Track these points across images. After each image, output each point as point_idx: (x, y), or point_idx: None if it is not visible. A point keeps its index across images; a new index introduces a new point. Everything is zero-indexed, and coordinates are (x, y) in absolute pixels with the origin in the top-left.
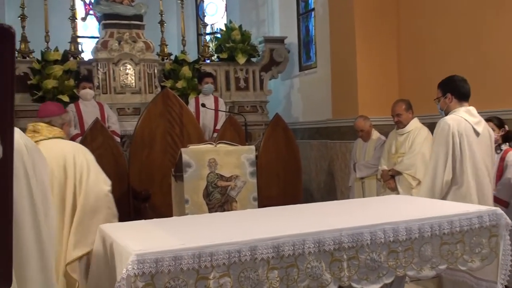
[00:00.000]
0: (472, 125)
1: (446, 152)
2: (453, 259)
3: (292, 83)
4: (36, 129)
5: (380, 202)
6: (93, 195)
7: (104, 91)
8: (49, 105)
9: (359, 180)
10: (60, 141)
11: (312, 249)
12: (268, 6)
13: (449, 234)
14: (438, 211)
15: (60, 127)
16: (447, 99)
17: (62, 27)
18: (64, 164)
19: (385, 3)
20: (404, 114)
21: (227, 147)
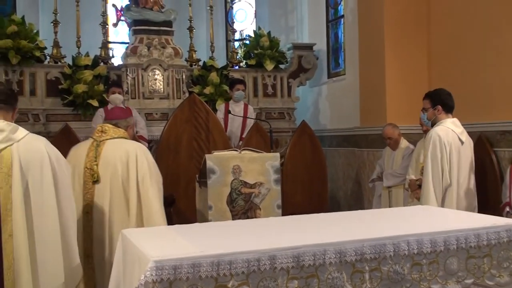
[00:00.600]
0: (458, 135)
1: (441, 161)
2: (480, 274)
3: (320, 90)
4: (103, 130)
5: (405, 212)
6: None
7: (133, 96)
8: (116, 109)
9: (386, 189)
10: (124, 140)
11: (333, 260)
12: (297, 13)
13: (475, 248)
14: (464, 224)
15: (125, 129)
16: (437, 110)
17: (93, 33)
18: (127, 161)
19: (415, 10)
20: None
21: (251, 154)
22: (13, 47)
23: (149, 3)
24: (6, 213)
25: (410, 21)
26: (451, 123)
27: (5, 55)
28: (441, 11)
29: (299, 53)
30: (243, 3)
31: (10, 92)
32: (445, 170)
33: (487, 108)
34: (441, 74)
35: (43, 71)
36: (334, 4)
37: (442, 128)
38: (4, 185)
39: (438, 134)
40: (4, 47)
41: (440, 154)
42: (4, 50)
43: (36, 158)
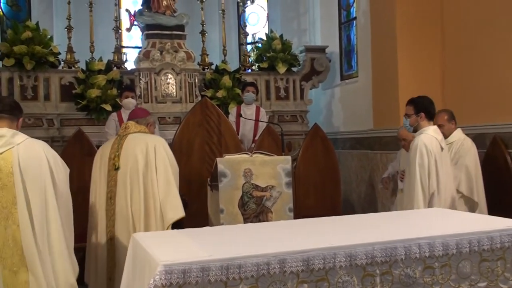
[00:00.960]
0: (439, 142)
1: (428, 168)
2: (493, 277)
3: (333, 92)
4: (127, 126)
5: (417, 215)
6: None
7: (146, 100)
8: (137, 109)
9: (401, 192)
10: (144, 134)
11: (344, 263)
12: (309, 15)
13: (489, 251)
14: (477, 226)
15: (145, 125)
16: (420, 117)
17: (107, 38)
18: (146, 151)
19: (428, 11)
20: (447, 125)
21: (263, 157)
22: (27, 52)
23: (161, 7)
24: (12, 206)
25: (423, 22)
26: (433, 131)
27: (20, 61)
28: (454, 11)
29: (311, 55)
30: (256, 6)
31: (14, 104)
32: (431, 177)
33: (502, 109)
34: (455, 76)
35: (57, 76)
36: (347, 6)
37: (427, 136)
38: (7, 182)
39: (424, 143)
40: (19, 53)
41: (427, 161)
42: (19, 56)
43: (34, 159)
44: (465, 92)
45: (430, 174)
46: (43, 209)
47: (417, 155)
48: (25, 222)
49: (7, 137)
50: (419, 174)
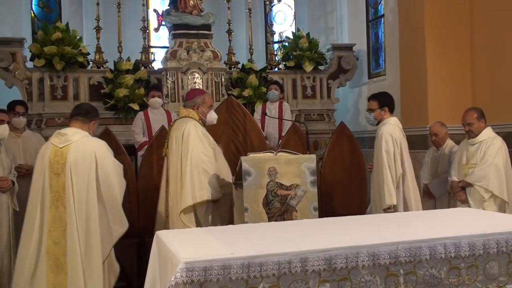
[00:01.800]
0: (401, 130)
1: (394, 154)
2: None
3: (360, 90)
4: (178, 112)
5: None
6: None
7: (173, 99)
8: (188, 92)
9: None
10: (185, 119)
11: (366, 263)
12: (337, 13)
13: None
14: (505, 226)
15: (192, 108)
16: (384, 111)
17: (135, 38)
18: (182, 138)
19: (457, 8)
20: (476, 123)
21: (287, 156)
22: (57, 53)
23: (188, 7)
24: (62, 191)
25: (452, 19)
26: (395, 121)
27: (50, 61)
28: (484, 8)
29: (338, 54)
30: (282, 5)
31: (90, 109)
32: (397, 162)
33: None
34: (485, 74)
35: (86, 76)
36: (374, 3)
37: (391, 126)
38: (61, 172)
39: (389, 132)
40: (49, 53)
41: (392, 148)
42: (49, 56)
43: (83, 155)
44: (495, 90)
45: (395, 159)
46: (84, 196)
47: (383, 143)
48: (70, 206)
49: (69, 135)
50: (386, 160)
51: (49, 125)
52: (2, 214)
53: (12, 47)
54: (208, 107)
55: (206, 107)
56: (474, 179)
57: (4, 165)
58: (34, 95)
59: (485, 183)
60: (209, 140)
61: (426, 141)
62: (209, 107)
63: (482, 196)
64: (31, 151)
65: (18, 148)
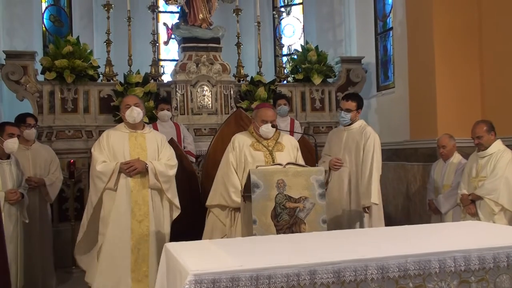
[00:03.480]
0: None
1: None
2: None
3: (369, 103)
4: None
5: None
6: None
7: (182, 112)
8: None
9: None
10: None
11: (375, 276)
12: (345, 26)
13: None
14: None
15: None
16: (358, 112)
17: (145, 51)
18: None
19: (466, 20)
20: (486, 136)
21: (296, 168)
22: (68, 66)
23: (197, 20)
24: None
25: (461, 32)
26: (364, 121)
27: (61, 74)
28: (492, 20)
29: (347, 66)
30: (291, 18)
31: None
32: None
33: None
34: (494, 86)
35: (96, 89)
36: (383, 16)
37: (369, 126)
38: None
39: (372, 130)
40: (60, 66)
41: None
42: (60, 69)
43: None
44: (504, 102)
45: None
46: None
47: (376, 142)
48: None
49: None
50: (379, 159)
51: (60, 138)
52: (12, 226)
53: (23, 60)
54: (260, 122)
55: (254, 124)
56: (484, 192)
57: (14, 177)
58: (44, 108)
59: (495, 196)
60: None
61: (435, 153)
62: (261, 122)
63: (492, 209)
64: (40, 163)
65: (28, 160)
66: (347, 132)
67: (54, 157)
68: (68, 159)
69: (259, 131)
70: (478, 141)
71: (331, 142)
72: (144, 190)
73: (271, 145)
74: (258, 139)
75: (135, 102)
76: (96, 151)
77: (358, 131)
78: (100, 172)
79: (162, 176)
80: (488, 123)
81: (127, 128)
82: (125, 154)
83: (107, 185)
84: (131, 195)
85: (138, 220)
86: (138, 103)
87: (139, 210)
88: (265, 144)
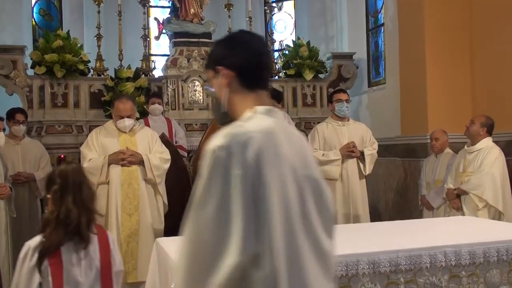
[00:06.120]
0: None
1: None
2: None
3: (360, 99)
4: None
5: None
6: None
7: (173, 107)
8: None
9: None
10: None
11: (367, 271)
12: (337, 22)
13: None
14: (505, 235)
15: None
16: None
17: (136, 46)
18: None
19: (457, 17)
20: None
21: None
22: (58, 61)
23: (189, 15)
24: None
25: (452, 28)
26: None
27: (51, 69)
28: (483, 17)
29: (338, 62)
30: (283, 13)
31: None
32: None
33: None
34: (485, 82)
35: (87, 84)
36: (374, 12)
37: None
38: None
39: None
40: (50, 61)
41: None
42: (50, 64)
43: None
44: (495, 98)
45: None
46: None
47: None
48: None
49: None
50: None
51: (49, 133)
52: (1, 220)
53: (13, 54)
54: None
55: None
56: (470, 187)
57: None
58: (34, 103)
59: (480, 191)
60: None
61: (426, 149)
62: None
63: (477, 204)
64: (30, 158)
65: (17, 155)
66: (346, 127)
67: (44, 152)
68: (58, 154)
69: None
70: (469, 125)
71: (326, 138)
72: (135, 184)
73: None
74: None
75: (128, 114)
76: (85, 149)
77: (356, 125)
78: (90, 167)
79: (156, 169)
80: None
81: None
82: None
83: (99, 179)
84: (121, 189)
85: (128, 213)
86: (131, 115)
87: (129, 204)
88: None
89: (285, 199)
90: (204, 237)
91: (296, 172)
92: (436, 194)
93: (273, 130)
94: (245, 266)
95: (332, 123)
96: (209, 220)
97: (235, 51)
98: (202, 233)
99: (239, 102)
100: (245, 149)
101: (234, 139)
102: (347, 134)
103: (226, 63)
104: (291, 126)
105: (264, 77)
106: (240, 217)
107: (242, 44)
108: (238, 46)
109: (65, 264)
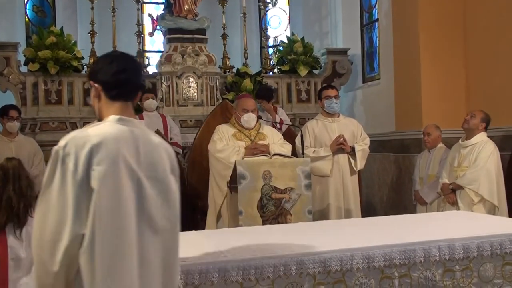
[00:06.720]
0: None
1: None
2: None
3: (355, 95)
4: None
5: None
6: None
7: (168, 103)
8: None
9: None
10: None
11: (361, 265)
12: (331, 18)
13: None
14: (498, 229)
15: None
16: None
17: (130, 42)
18: None
19: (451, 13)
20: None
21: (282, 159)
22: (52, 57)
23: (183, 11)
24: None
25: (446, 24)
26: None
27: (45, 66)
28: (477, 12)
29: (333, 58)
30: (277, 9)
31: None
32: None
33: None
34: (479, 77)
35: (81, 81)
36: (369, 8)
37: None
38: None
39: None
40: (44, 57)
41: None
42: (43, 60)
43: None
44: (489, 93)
45: None
46: None
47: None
48: None
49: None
50: None
51: (43, 130)
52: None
53: (6, 51)
54: (241, 111)
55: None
56: (465, 181)
57: None
58: (28, 100)
59: (476, 186)
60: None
61: (420, 144)
62: (242, 111)
63: (472, 199)
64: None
65: (11, 152)
66: (336, 123)
67: (38, 150)
68: None
69: (240, 121)
70: (469, 118)
71: (317, 135)
72: None
73: (253, 135)
74: (240, 129)
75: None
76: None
77: (346, 120)
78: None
79: None
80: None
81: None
82: None
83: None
84: None
85: None
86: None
87: None
88: (247, 134)
89: (115, 190)
90: (49, 217)
91: (134, 172)
92: (429, 189)
93: (113, 135)
94: (73, 246)
95: (322, 120)
96: (52, 203)
97: (102, 69)
98: (48, 214)
99: (105, 110)
100: (81, 149)
101: (73, 141)
102: (338, 130)
103: (95, 78)
104: (151, 135)
105: (123, 92)
106: (72, 203)
107: (107, 63)
108: (105, 64)
109: (9, 242)
